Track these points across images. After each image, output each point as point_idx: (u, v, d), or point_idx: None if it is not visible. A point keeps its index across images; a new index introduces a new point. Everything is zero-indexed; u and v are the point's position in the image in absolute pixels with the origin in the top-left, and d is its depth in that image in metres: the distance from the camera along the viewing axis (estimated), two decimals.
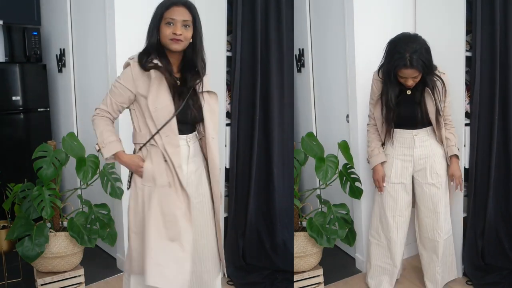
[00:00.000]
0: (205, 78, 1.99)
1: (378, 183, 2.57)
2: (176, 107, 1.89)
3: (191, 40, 1.90)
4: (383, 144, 2.59)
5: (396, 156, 2.54)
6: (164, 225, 1.92)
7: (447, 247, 2.65)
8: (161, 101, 1.87)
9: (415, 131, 2.49)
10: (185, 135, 1.96)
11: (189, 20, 1.87)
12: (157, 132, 1.89)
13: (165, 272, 1.90)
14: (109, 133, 1.96)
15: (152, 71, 1.87)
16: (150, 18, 1.94)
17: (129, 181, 2.01)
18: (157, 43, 1.89)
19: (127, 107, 1.98)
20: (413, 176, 2.56)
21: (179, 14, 1.85)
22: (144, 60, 1.88)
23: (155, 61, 1.88)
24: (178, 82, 1.93)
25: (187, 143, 1.97)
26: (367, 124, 2.67)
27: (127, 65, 1.93)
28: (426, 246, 2.64)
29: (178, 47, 1.87)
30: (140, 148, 1.96)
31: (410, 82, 2.35)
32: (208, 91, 1.99)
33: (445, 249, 2.63)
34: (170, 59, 1.93)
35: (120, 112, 2.01)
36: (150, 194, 1.92)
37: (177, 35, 1.85)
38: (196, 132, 2.03)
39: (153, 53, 1.89)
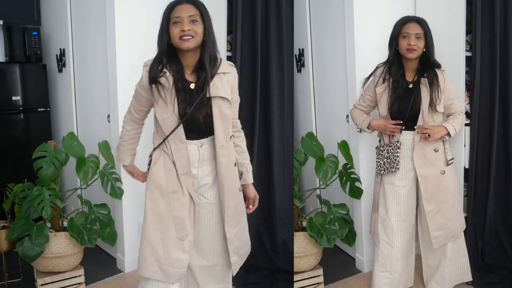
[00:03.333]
0: (220, 81, 1.90)
1: (390, 125, 2.44)
2: (181, 116, 1.86)
3: (203, 37, 1.85)
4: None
5: (400, 159, 2.49)
6: (164, 227, 1.95)
7: (458, 248, 2.61)
8: (168, 110, 1.86)
9: (415, 132, 2.43)
10: (196, 140, 1.93)
11: (195, 15, 1.82)
12: (167, 137, 1.90)
13: (163, 269, 1.95)
14: (127, 145, 2.13)
15: (162, 78, 1.84)
16: (150, 18, 1.93)
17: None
18: (168, 46, 1.85)
19: (147, 110, 2.05)
20: (417, 179, 2.49)
21: (184, 10, 1.82)
22: (155, 68, 1.85)
23: (164, 70, 1.84)
24: (192, 85, 1.87)
25: (197, 148, 1.94)
26: (351, 110, 2.70)
27: (144, 70, 1.91)
28: (432, 248, 2.55)
29: (190, 44, 1.81)
30: (154, 149, 1.98)
31: (413, 40, 2.33)
32: (221, 97, 1.89)
33: (457, 250, 2.59)
34: (184, 62, 1.88)
35: (144, 114, 2.07)
36: (151, 198, 1.96)
37: (185, 31, 1.80)
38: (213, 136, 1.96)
39: (163, 60, 1.85)
